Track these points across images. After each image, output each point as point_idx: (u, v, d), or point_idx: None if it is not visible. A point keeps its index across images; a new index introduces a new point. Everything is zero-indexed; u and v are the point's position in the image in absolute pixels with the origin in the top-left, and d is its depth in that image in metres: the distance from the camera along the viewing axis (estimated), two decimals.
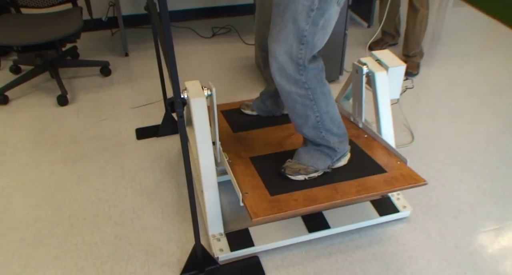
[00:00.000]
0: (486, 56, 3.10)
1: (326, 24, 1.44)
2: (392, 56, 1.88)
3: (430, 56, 3.07)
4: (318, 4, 1.38)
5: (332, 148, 1.57)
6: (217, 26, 3.43)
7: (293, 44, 1.42)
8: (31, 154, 2.11)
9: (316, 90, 1.51)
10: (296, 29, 1.40)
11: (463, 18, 3.73)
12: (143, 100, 2.52)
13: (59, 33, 2.38)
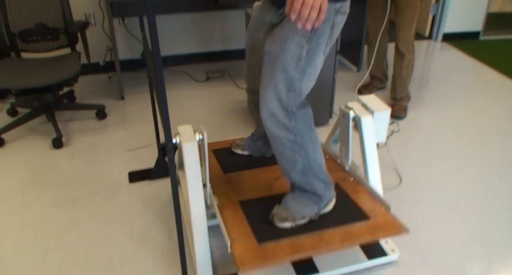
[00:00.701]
0: (472, 98, 3.19)
1: (312, 72, 1.52)
2: (377, 101, 1.95)
3: (418, 99, 3.16)
4: (306, 54, 1.46)
5: (318, 195, 1.61)
6: (212, 70, 3.54)
7: (282, 91, 1.49)
8: (24, 197, 2.13)
9: (305, 135, 1.57)
10: (285, 77, 1.48)
11: (450, 62, 3.86)
12: (137, 143, 2.57)
13: (57, 77, 2.46)
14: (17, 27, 2.66)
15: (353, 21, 3.46)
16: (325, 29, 1.50)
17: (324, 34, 1.49)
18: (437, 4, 4.29)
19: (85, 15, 3.19)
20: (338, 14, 1.53)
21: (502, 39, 4.53)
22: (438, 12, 4.30)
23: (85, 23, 2.70)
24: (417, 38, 4.37)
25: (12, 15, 2.64)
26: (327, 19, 1.50)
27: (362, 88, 3.23)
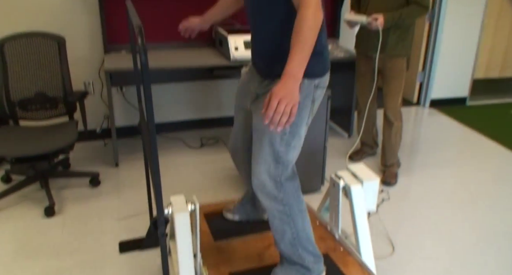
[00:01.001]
0: (462, 164, 3.25)
1: (297, 144, 1.60)
2: (366, 170, 1.99)
3: (408, 165, 3.21)
4: (289, 128, 1.54)
5: (307, 268, 1.60)
6: (206, 136, 3.61)
7: (271, 164, 1.55)
8: (11, 269, 2.10)
9: (293, 207, 1.60)
10: (272, 151, 1.55)
11: (439, 127, 3.97)
12: (130, 211, 2.57)
13: (54, 146, 2.50)
14: (17, 95, 2.75)
15: (343, 88, 3.60)
16: (306, 104, 1.60)
17: (306, 108, 1.59)
18: (423, 71, 4.48)
19: (84, 84, 3.30)
20: (317, 88, 1.63)
21: (488, 104, 4.69)
22: (425, 79, 4.48)
23: (84, 93, 2.80)
24: (406, 104, 4.52)
25: (14, 84, 2.74)
26: (308, 95, 1.60)
27: (353, 154, 3.29)
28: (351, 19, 2.84)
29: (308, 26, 1.34)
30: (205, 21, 2.07)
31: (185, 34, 2.11)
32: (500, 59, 4.79)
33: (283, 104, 1.30)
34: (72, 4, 3.09)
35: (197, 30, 2.10)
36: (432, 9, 4.22)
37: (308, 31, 1.34)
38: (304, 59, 1.35)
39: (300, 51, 1.33)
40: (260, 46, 1.67)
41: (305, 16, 1.36)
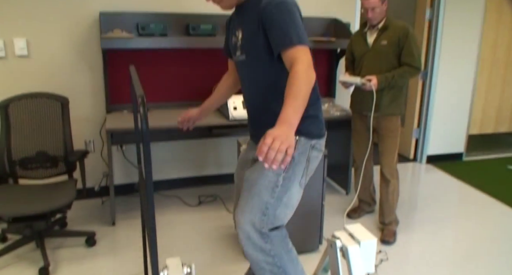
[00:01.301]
0: (460, 221, 3.23)
1: (288, 201, 1.61)
2: (364, 230, 1.99)
3: (406, 222, 3.20)
4: (282, 181, 1.57)
5: None
6: (204, 194, 3.62)
7: (256, 215, 1.56)
8: None
9: (283, 257, 1.58)
10: (261, 202, 1.56)
11: (436, 184, 3.98)
12: (125, 273, 2.53)
13: (52, 205, 2.50)
14: (18, 154, 2.79)
15: (340, 145, 3.66)
16: (301, 161, 1.63)
17: (300, 165, 1.62)
18: (418, 128, 4.56)
19: (85, 143, 3.35)
20: (314, 149, 1.67)
21: (484, 160, 4.74)
22: (421, 135, 4.55)
23: (85, 152, 2.84)
24: (402, 161, 4.56)
25: (16, 143, 2.78)
26: (303, 152, 1.64)
27: (351, 212, 3.28)
28: (346, 80, 2.94)
29: (301, 79, 1.39)
30: (204, 111, 2.15)
31: (184, 126, 2.17)
32: (494, 115, 4.89)
33: (278, 141, 1.24)
34: (76, 65, 3.21)
35: (196, 121, 2.17)
36: (424, 69, 4.37)
37: (301, 84, 1.38)
38: (298, 109, 1.35)
39: (293, 102, 1.35)
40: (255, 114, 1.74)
41: (298, 71, 1.42)
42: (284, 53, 1.53)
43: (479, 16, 4.32)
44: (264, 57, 1.63)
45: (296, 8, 1.60)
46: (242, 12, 1.73)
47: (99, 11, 3.12)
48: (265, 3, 1.58)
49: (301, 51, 1.48)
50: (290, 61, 1.49)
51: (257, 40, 1.63)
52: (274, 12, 1.54)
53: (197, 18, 3.35)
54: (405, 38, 2.83)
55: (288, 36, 1.50)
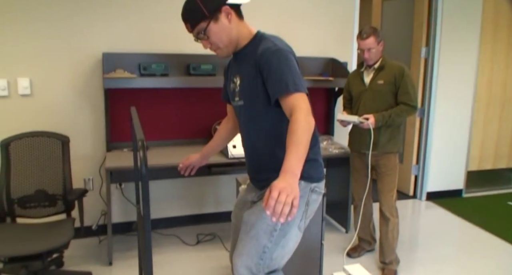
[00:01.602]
0: (461, 259, 3.19)
1: (286, 245, 1.60)
2: (363, 271, 1.97)
3: (408, 261, 3.16)
4: (281, 226, 1.56)
5: None
6: (202, 232, 3.59)
7: (254, 258, 1.55)
8: None
9: None
10: (258, 245, 1.55)
11: (436, 221, 3.96)
12: None
13: (49, 245, 2.48)
14: (17, 193, 2.78)
15: (338, 183, 3.66)
16: (300, 205, 1.63)
17: (299, 208, 1.62)
18: (417, 165, 4.57)
19: (84, 181, 3.36)
20: (313, 193, 1.68)
21: (484, 196, 4.73)
22: (420, 172, 4.56)
23: (84, 191, 2.84)
24: (402, 198, 4.55)
25: (15, 181, 2.78)
26: (303, 196, 1.65)
27: (351, 251, 3.25)
28: (344, 119, 2.98)
29: (302, 127, 1.42)
30: (204, 156, 2.19)
31: (186, 172, 2.21)
32: (492, 151, 4.92)
33: (284, 194, 1.26)
34: (78, 104, 3.26)
35: (197, 167, 2.21)
36: (422, 106, 4.43)
37: (302, 132, 1.41)
38: (300, 157, 1.37)
39: (295, 150, 1.37)
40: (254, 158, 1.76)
41: (298, 119, 1.45)
42: (282, 100, 1.56)
43: (474, 54, 4.42)
44: (262, 103, 1.67)
45: (292, 56, 1.65)
46: (239, 59, 1.79)
47: (102, 52, 3.19)
48: (262, 50, 1.64)
49: (299, 99, 1.52)
50: (288, 108, 1.53)
51: (255, 86, 1.67)
52: (271, 59, 1.59)
53: (197, 58, 3.43)
54: (401, 77, 2.88)
55: (285, 83, 1.54)
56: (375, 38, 2.88)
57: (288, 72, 1.56)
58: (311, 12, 3.77)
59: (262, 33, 1.77)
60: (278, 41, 1.69)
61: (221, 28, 1.68)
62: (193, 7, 1.66)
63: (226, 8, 1.67)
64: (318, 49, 3.86)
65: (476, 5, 4.33)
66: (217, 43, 1.71)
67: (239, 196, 2.01)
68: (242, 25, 1.75)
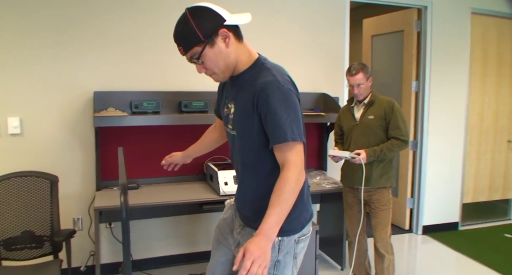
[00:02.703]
0: None
1: None
2: None
3: None
4: None
5: None
6: (194, 272, 3.49)
7: None
8: None
9: None
10: None
11: (433, 255, 3.89)
12: None
13: None
14: (3, 234, 2.72)
15: (332, 218, 3.61)
16: (288, 262, 1.59)
17: (287, 266, 1.59)
18: (412, 198, 4.54)
19: (73, 220, 3.30)
20: (299, 242, 1.63)
21: (480, 228, 4.68)
22: (415, 205, 4.51)
23: (72, 231, 2.78)
24: (398, 232, 4.48)
25: (1, 223, 2.72)
26: (289, 251, 1.60)
27: None
28: (335, 155, 2.97)
29: (290, 188, 1.41)
30: (187, 156, 2.19)
31: (168, 168, 2.21)
32: (487, 183, 4.89)
33: (256, 265, 1.32)
34: (68, 142, 3.24)
35: (180, 164, 2.20)
36: (414, 139, 4.44)
37: (289, 193, 1.40)
38: (280, 219, 1.39)
39: (278, 212, 1.38)
40: (245, 196, 1.73)
41: (288, 179, 1.42)
42: (276, 148, 1.51)
43: (464, 86, 4.49)
44: (256, 140, 1.59)
45: (293, 94, 1.56)
46: (236, 84, 1.67)
47: (94, 91, 3.20)
48: (262, 84, 1.53)
49: (294, 150, 1.48)
50: (281, 160, 1.49)
51: (250, 121, 1.58)
52: (271, 99, 1.50)
53: (189, 95, 3.44)
54: (391, 112, 2.90)
55: (283, 131, 1.48)
56: (364, 74, 2.91)
57: (287, 118, 1.49)
58: (302, 47, 3.83)
59: (264, 60, 1.65)
60: (280, 75, 1.58)
61: (217, 53, 1.54)
62: (186, 30, 1.51)
63: (224, 31, 1.53)
64: (309, 84, 3.89)
65: (464, 38, 4.43)
66: (213, 68, 1.59)
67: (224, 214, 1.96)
68: (242, 48, 1.62)
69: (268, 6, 3.67)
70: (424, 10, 4.28)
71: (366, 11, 5.13)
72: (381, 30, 4.87)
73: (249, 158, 1.66)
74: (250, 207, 1.67)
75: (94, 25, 3.23)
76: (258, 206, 1.54)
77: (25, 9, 3.06)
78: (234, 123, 1.68)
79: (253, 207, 1.64)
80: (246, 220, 1.70)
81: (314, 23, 3.85)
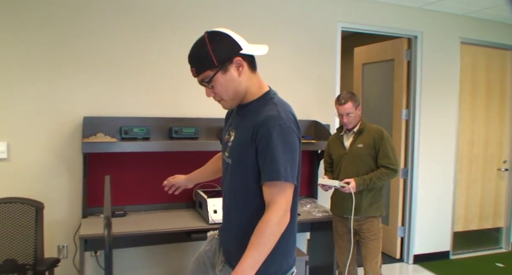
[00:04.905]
0: None
1: None
2: None
3: None
4: None
5: None
6: None
7: None
8: None
9: None
10: None
11: None
12: None
13: None
14: None
15: (323, 246, 3.56)
16: None
17: None
18: (403, 226, 4.51)
19: (58, 248, 3.22)
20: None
21: (471, 257, 4.65)
22: (406, 234, 4.48)
23: (55, 260, 2.72)
24: (389, 261, 4.43)
25: None
26: None
27: None
28: (324, 183, 2.96)
29: (270, 231, 1.38)
30: (191, 181, 2.14)
31: (170, 190, 2.15)
32: (477, 211, 4.88)
33: None
34: (56, 168, 3.19)
35: (182, 188, 2.15)
36: (405, 166, 4.44)
37: (269, 236, 1.38)
38: (257, 264, 1.36)
39: (255, 256, 1.36)
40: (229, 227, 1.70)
41: (269, 221, 1.40)
42: (265, 185, 1.49)
43: (453, 115, 4.53)
44: (249, 175, 1.56)
45: (295, 134, 1.55)
46: (241, 113, 1.67)
47: (83, 116, 3.18)
48: (264, 117, 1.53)
49: (282, 193, 1.45)
50: (268, 199, 1.47)
51: (246, 154, 1.57)
52: (270, 135, 1.49)
53: (180, 121, 3.43)
54: (380, 140, 2.91)
55: (277, 168, 1.46)
56: (353, 103, 2.93)
57: (283, 156, 1.47)
58: (294, 74, 3.86)
59: (273, 95, 1.66)
60: (284, 112, 1.58)
61: (228, 80, 1.56)
62: (202, 52, 1.53)
63: (238, 59, 1.56)
64: (301, 111, 3.88)
65: (454, 67, 4.50)
66: (222, 94, 1.59)
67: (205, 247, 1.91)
68: (254, 78, 1.64)
69: (260, 33, 3.71)
70: (414, 40, 4.36)
71: (357, 40, 5.21)
72: (372, 59, 4.93)
73: (238, 190, 1.64)
74: (233, 238, 1.64)
75: (84, 50, 3.23)
76: (240, 240, 1.52)
77: (13, 32, 3.06)
78: (230, 151, 1.67)
79: (235, 239, 1.61)
80: (228, 256, 1.67)
81: (306, 50, 3.90)
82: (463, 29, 4.51)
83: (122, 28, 3.32)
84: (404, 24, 4.27)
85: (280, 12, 3.79)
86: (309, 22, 3.90)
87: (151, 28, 3.37)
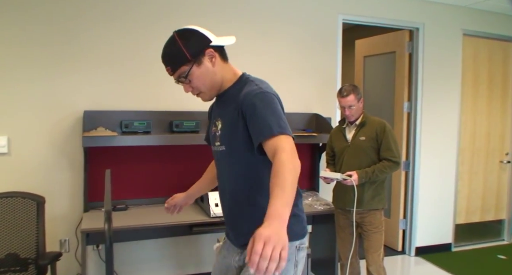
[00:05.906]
0: None
1: None
2: None
3: None
4: None
5: None
6: None
7: None
8: None
9: None
10: None
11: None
12: None
13: None
14: None
15: (324, 240, 3.56)
16: (289, 270, 1.55)
17: (289, 273, 1.53)
18: (405, 219, 4.50)
19: (60, 242, 3.23)
20: (300, 251, 1.60)
21: (473, 249, 4.64)
22: (408, 226, 4.48)
23: (57, 254, 2.71)
24: (391, 254, 4.43)
25: None
26: (290, 259, 1.56)
27: None
28: (326, 176, 2.95)
29: (287, 168, 1.31)
30: (190, 196, 2.13)
31: (172, 212, 2.14)
32: (479, 204, 4.88)
33: (270, 247, 1.08)
34: (56, 163, 3.19)
35: (183, 206, 2.14)
36: (407, 159, 4.43)
37: (288, 173, 1.30)
38: (287, 200, 1.25)
39: (281, 193, 1.25)
40: (234, 208, 1.68)
41: (283, 160, 1.34)
42: (265, 144, 1.46)
43: (455, 107, 4.50)
44: (244, 148, 1.58)
45: (276, 99, 1.58)
46: (222, 101, 1.72)
47: (84, 110, 3.17)
48: (245, 93, 1.58)
49: (283, 140, 1.42)
50: (272, 151, 1.42)
51: (236, 131, 1.59)
52: (254, 102, 1.52)
53: (180, 115, 3.42)
54: (382, 133, 2.89)
55: (269, 126, 1.46)
56: (355, 95, 2.91)
57: (272, 115, 1.49)
58: (295, 68, 3.84)
59: (248, 76, 1.71)
60: (263, 84, 1.63)
61: (204, 72, 1.61)
62: (174, 50, 1.59)
63: (210, 51, 1.61)
64: (302, 104, 3.89)
65: (456, 59, 4.47)
66: (200, 87, 1.65)
67: (217, 259, 1.91)
68: (227, 68, 1.70)
69: (261, 27, 3.68)
70: (416, 32, 4.32)
71: (359, 32, 5.18)
72: (373, 51, 4.90)
73: (239, 170, 1.63)
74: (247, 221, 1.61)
75: (84, 44, 3.21)
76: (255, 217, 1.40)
77: (13, 28, 3.04)
78: (222, 138, 1.69)
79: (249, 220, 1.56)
80: (242, 241, 1.65)
81: (307, 43, 3.87)
82: (465, 21, 4.48)
83: (123, 23, 3.30)
84: (406, 16, 4.23)
85: (280, 4, 3.76)
86: (310, 14, 3.87)
87: (151, 23, 3.36)
